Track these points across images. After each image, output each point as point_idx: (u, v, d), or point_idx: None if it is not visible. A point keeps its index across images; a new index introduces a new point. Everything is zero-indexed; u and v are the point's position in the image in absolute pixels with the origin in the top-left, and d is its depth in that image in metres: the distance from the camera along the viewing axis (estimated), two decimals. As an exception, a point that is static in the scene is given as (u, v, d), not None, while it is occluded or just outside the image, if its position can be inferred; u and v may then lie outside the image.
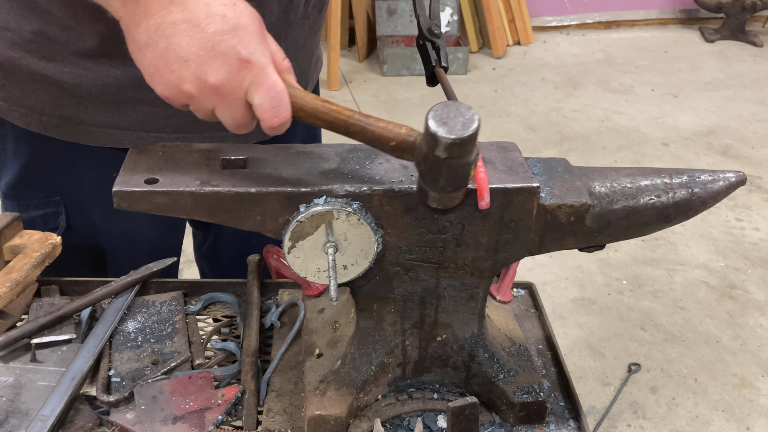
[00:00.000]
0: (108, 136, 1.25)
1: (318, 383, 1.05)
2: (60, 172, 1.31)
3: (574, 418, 1.10)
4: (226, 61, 0.82)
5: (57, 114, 1.23)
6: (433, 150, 0.81)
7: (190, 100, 0.86)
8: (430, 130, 0.80)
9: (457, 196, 0.90)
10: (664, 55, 5.92)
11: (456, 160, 0.82)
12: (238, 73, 0.83)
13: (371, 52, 5.76)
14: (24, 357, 1.14)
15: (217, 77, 0.82)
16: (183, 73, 0.83)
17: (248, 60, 0.82)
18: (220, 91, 0.83)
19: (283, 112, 0.85)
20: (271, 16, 1.20)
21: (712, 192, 1.02)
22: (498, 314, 1.22)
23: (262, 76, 0.83)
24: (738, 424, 2.55)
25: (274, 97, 0.84)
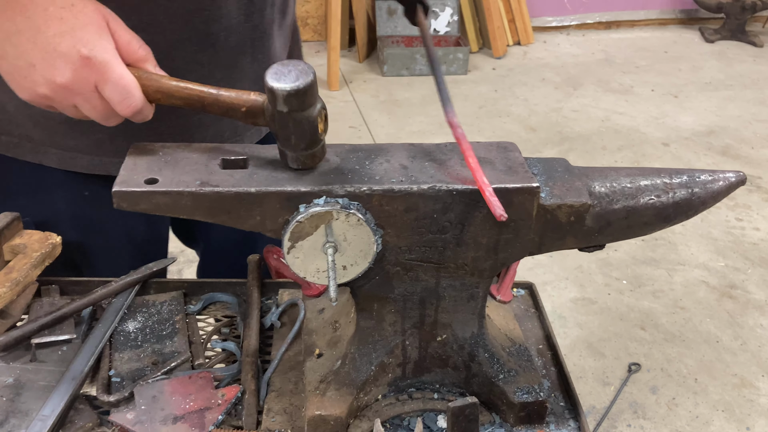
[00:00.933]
0: (68, 159, 1.23)
1: (318, 383, 1.05)
2: (28, 194, 1.29)
3: (574, 418, 1.10)
4: (69, 60, 0.87)
5: (17, 133, 1.21)
6: (275, 105, 0.86)
7: (49, 101, 0.91)
8: (268, 85, 0.85)
9: (315, 154, 0.92)
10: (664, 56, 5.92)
11: (298, 114, 0.87)
12: (82, 71, 0.88)
13: (371, 52, 5.76)
14: (24, 357, 1.14)
15: (64, 77, 0.88)
16: (34, 77, 0.89)
17: (89, 57, 0.87)
18: (70, 89, 0.89)
19: (132, 102, 0.91)
20: (229, 19, 1.18)
21: (712, 192, 1.02)
22: (498, 314, 1.22)
23: (106, 71, 0.88)
24: (738, 424, 2.55)
25: (121, 90, 0.89)
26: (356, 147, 1.00)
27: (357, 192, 0.91)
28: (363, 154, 0.98)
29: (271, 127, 0.91)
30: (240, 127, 1.34)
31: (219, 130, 1.30)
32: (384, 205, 0.92)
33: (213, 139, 1.30)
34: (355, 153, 0.98)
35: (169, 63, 1.05)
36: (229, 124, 1.31)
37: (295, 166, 0.93)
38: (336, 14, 5.14)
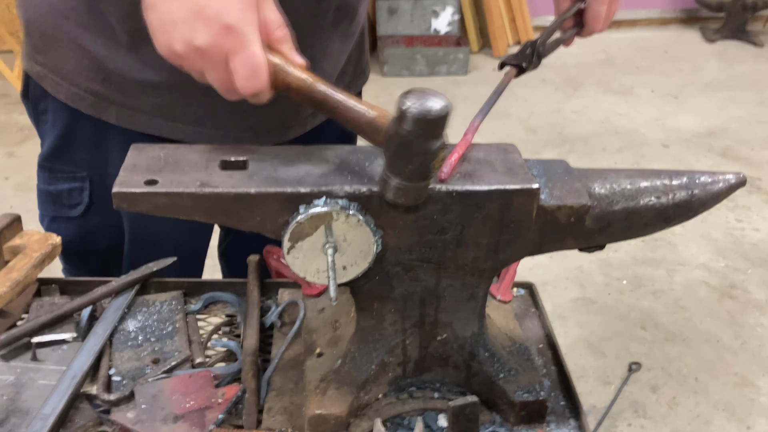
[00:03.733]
0: (128, 117, 1.26)
1: (318, 382, 1.05)
2: (88, 148, 1.33)
3: (575, 417, 1.10)
4: (210, 25, 0.86)
5: (84, 86, 1.24)
6: (401, 124, 0.83)
7: (180, 60, 0.91)
8: (400, 104, 0.82)
9: (417, 191, 0.89)
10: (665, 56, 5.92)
11: (422, 141, 0.83)
12: (219, 38, 0.87)
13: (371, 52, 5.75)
14: (24, 356, 1.14)
15: (202, 40, 0.87)
16: (173, 35, 0.88)
17: (231, 26, 0.86)
18: (204, 53, 0.88)
19: (256, 82, 0.89)
20: (296, 18, 1.19)
21: (711, 193, 1.02)
22: (498, 314, 1.22)
23: (242, 44, 0.87)
24: (738, 424, 2.55)
25: (249, 67, 0.88)
26: (356, 148, 1.00)
27: (357, 193, 0.91)
28: (363, 156, 0.98)
29: (387, 150, 0.87)
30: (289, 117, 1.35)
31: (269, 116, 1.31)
32: (384, 206, 0.92)
33: (264, 124, 1.31)
34: (354, 154, 0.98)
35: None
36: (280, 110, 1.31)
37: (391, 197, 0.88)
38: (336, 14, 5.13)
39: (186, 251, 1.32)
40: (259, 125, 1.31)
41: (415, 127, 0.82)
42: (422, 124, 0.82)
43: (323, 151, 0.99)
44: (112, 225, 1.40)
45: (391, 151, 0.86)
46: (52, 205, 1.39)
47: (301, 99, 0.92)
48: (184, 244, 1.41)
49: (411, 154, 0.84)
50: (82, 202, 1.38)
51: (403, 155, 0.85)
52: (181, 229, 1.41)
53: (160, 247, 1.39)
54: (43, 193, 1.40)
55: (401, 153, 0.85)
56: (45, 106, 1.33)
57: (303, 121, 1.39)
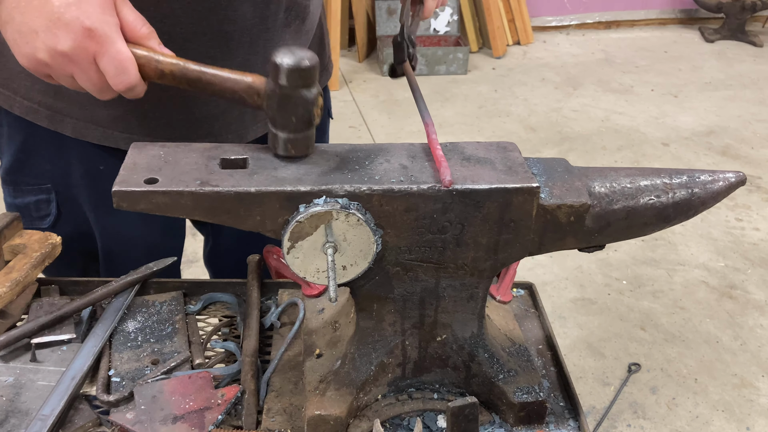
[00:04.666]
0: (82, 129, 1.27)
1: (318, 383, 1.05)
2: (49, 160, 1.33)
3: (574, 418, 1.10)
4: (71, 30, 0.90)
5: (37, 100, 1.24)
6: (277, 79, 0.90)
7: (47, 68, 0.94)
8: (274, 60, 0.89)
9: (305, 140, 0.95)
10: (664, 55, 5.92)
11: (298, 91, 0.90)
12: (83, 41, 0.90)
13: (371, 52, 5.76)
14: (24, 357, 1.14)
15: (65, 45, 0.90)
16: (36, 44, 0.91)
17: (91, 29, 0.90)
18: (70, 57, 0.91)
19: (127, 77, 0.93)
20: (244, 21, 1.21)
21: (711, 192, 1.02)
22: (498, 314, 1.22)
23: (106, 45, 0.91)
24: (738, 424, 2.55)
25: (117, 64, 0.92)
26: (356, 147, 1.00)
27: (357, 192, 0.91)
28: (363, 154, 0.98)
29: (269, 110, 0.93)
30: (247, 119, 1.35)
31: (227, 121, 1.32)
32: (384, 205, 0.92)
33: (221, 130, 1.32)
34: (354, 153, 0.98)
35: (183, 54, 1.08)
36: (238, 115, 1.33)
37: (283, 152, 0.94)
38: (336, 14, 5.14)
39: (159, 255, 1.32)
40: (215, 131, 1.31)
41: (291, 79, 0.89)
42: (297, 75, 0.89)
43: (323, 149, 0.99)
44: (83, 233, 1.40)
45: (274, 108, 0.92)
46: (21, 219, 1.37)
47: (177, 82, 0.96)
48: (156, 248, 1.41)
49: (292, 105, 0.91)
50: (50, 214, 1.37)
51: (285, 108, 0.92)
52: (152, 234, 1.42)
53: (132, 252, 1.40)
54: (11, 206, 1.39)
55: (283, 106, 0.92)
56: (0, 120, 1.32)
57: (264, 121, 1.39)
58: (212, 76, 0.95)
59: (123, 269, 1.29)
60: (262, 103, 0.94)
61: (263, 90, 0.93)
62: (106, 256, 1.43)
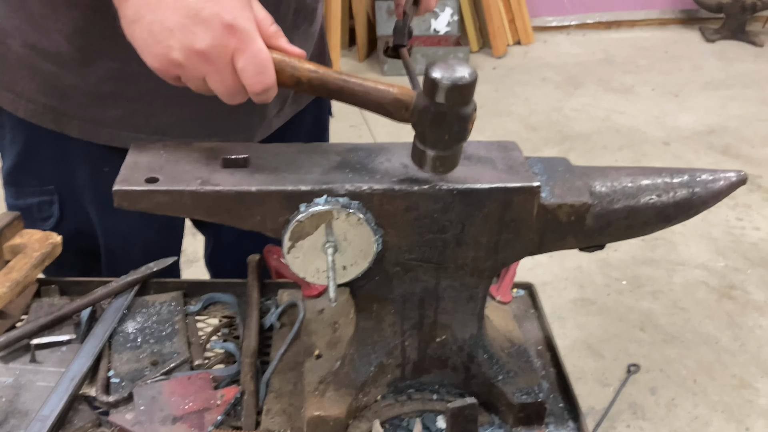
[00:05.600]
0: (90, 130, 1.26)
1: (317, 384, 1.05)
2: (52, 162, 1.32)
3: (574, 419, 1.10)
4: (210, 26, 0.84)
5: (42, 103, 1.23)
6: (433, 96, 0.84)
7: (180, 69, 0.87)
8: (431, 76, 0.83)
9: (454, 157, 0.90)
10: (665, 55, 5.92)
11: (455, 109, 0.84)
12: (223, 38, 0.84)
13: (371, 52, 5.76)
14: (23, 357, 1.14)
15: (203, 43, 0.84)
16: (170, 42, 0.85)
17: (232, 25, 0.84)
18: (207, 56, 0.85)
19: (265, 78, 0.87)
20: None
21: (712, 191, 1.02)
22: (497, 315, 1.22)
23: (247, 41, 0.85)
24: (737, 425, 2.55)
25: (257, 63, 0.86)
26: (357, 146, 1.00)
27: (357, 191, 0.91)
28: (363, 153, 0.98)
29: (417, 125, 0.88)
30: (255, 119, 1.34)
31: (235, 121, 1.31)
32: (384, 205, 0.92)
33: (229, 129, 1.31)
34: (355, 152, 0.98)
35: None
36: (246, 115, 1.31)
37: (430, 170, 0.89)
38: (336, 14, 5.13)
39: (160, 255, 1.31)
40: (223, 130, 1.30)
41: (450, 97, 0.83)
42: (456, 93, 0.83)
43: (324, 148, 0.99)
44: (85, 234, 1.39)
45: (426, 125, 0.86)
46: (24, 220, 1.36)
47: (313, 91, 0.90)
48: (157, 248, 1.40)
49: (447, 123, 0.85)
50: (52, 215, 1.37)
51: (440, 125, 0.86)
52: (152, 234, 1.41)
53: (134, 252, 1.39)
54: (13, 208, 1.38)
55: (437, 124, 0.86)
56: (1, 122, 1.31)
57: (269, 122, 1.39)
58: (355, 86, 0.88)
59: (124, 268, 1.29)
60: (408, 118, 0.88)
61: (412, 104, 0.87)
62: (108, 257, 1.43)
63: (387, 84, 0.89)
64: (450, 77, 0.82)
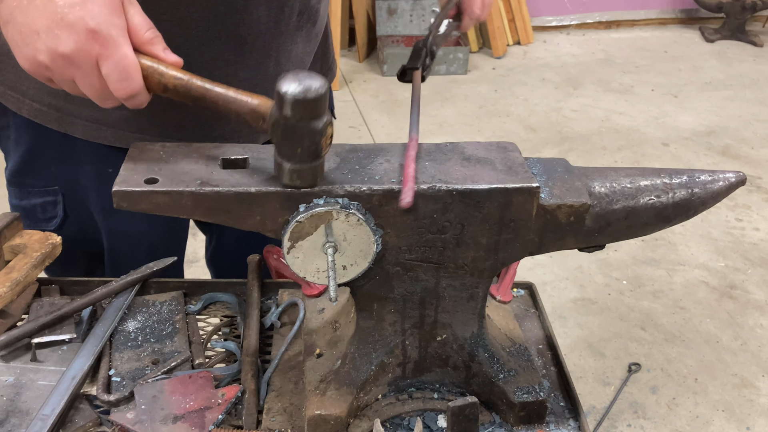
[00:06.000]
0: (94, 131, 1.26)
1: (318, 383, 1.05)
2: (57, 162, 1.32)
3: (574, 417, 1.10)
4: (74, 31, 0.85)
5: (47, 102, 1.24)
6: (281, 110, 0.84)
7: (48, 71, 0.89)
8: (278, 89, 0.83)
9: (312, 171, 0.89)
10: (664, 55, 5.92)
11: (303, 123, 0.84)
12: (86, 43, 0.86)
13: (371, 52, 5.76)
14: (24, 356, 1.14)
15: (66, 47, 0.86)
16: (37, 45, 0.87)
17: (95, 30, 0.85)
18: (71, 60, 0.87)
19: (129, 85, 0.88)
20: (258, 25, 1.21)
21: (712, 192, 1.02)
22: (498, 314, 1.22)
23: (111, 48, 0.86)
24: (738, 424, 2.55)
25: (121, 70, 0.87)
26: (356, 147, 1.00)
27: (357, 192, 0.91)
28: (363, 154, 0.98)
29: (274, 136, 0.88)
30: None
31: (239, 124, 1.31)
32: (384, 205, 0.92)
33: (232, 132, 1.31)
34: (354, 153, 0.98)
35: (198, 56, 1.08)
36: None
37: (288, 181, 0.89)
38: (336, 14, 5.13)
39: (163, 256, 1.32)
40: (227, 133, 1.31)
41: (296, 110, 0.83)
42: (302, 106, 0.83)
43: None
44: (89, 235, 1.40)
45: (278, 137, 0.87)
46: (27, 220, 1.37)
47: (180, 97, 0.91)
48: (160, 248, 1.41)
49: (298, 136, 0.86)
50: (56, 216, 1.37)
51: (290, 139, 0.86)
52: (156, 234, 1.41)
53: (138, 253, 1.39)
54: (17, 208, 1.39)
55: (288, 137, 0.86)
56: (6, 122, 1.31)
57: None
58: (216, 95, 0.90)
59: (127, 270, 1.29)
60: (267, 128, 0.89)
61: (268, 115, 0.88)
62: (111, 258, 1.43)
63: (248, 94, 0.89)
64: (295, 91, 0.82)
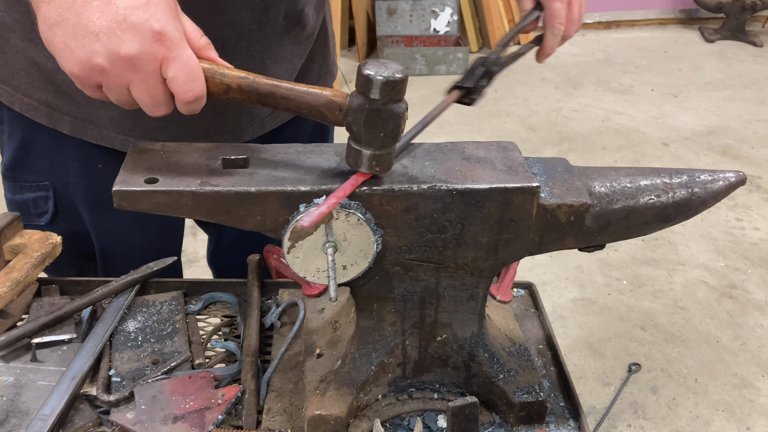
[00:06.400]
0: (80, 128, 1.26)
1: (318, 383, 1.05)
2: (48, 158, 1.33)
3: (574, 418, 1.10)
4: (139, 32, 0.81)
5: (37, 97, 1.24)
6: (368, 93, 0.85)
7: (102, 75, 0.84)
8: (364, 73, 0.84)
9: (390, 156, 0.90)
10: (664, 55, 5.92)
11: (389, 106, 0.85)
12: (151, 45, 0.82)
13: (371, 52, 5.76)
14: (24, 357, 1.14)
15: (130, 49, 0.81)
16: (94, 47, 0.82)
17: (161, 32, 0.82)
18: (133, 63, 0.82)
19: (196, 87, 0.86)
20: (241, 26, 1.20)
21: (711, 192, 1.02)
22: (498, 314, 1.22)
23: (177, 50, 0.83)
24: (738, 424, 2.55)
25: (188, 71, 0.84)
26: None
27: (357, 191, 0.91)
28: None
29: (352, 122, 0.88)
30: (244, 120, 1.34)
31: (222, 122, 1.31)
32: (384, 205, 0.92)
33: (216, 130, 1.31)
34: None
35: None
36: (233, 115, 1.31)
37: (367, 170, 0.89)
38: (336, 14, 5.13)
39: (156, 255, 1.32)
40: (212, 130, 1.30)
41: (384, 92, 0.84)
42: (390, 89, 0.84)
43: (323, 149, 0.99)
44: (80, 233, 1.40)
45: (360, 124, 0.87)
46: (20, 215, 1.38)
47: (244, 98, 0.90)
48: (154, 248, 1.40)
49: (382, 120, 0.86)
50: (47, 211, 1.38)
51: (374, 124, 0.87)
52: (149, 233, 1.41)
53: (129, 252, 1.39)
54: (11, 203, 1.40)
55: (372, 122, 0.87)
56: (1, 117, 1.32)
57: (260, 122, 1.38)
58: (287, 91, 0.88)
59: (120, 269, 1.29)
60: (342, 119, 0.88)
61: (345, 105, 0.87)
62: (103, 256, 1.43)
63: (319, 87, 0.89)
64: (383, 73, 0.84)
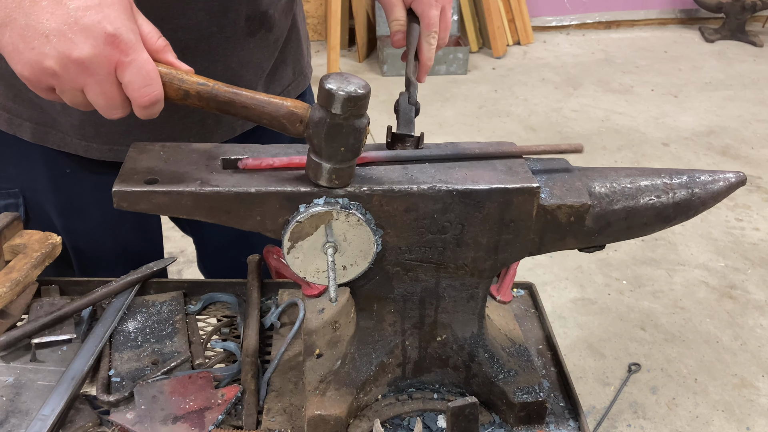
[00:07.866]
0: (43, 134, 1.24)
1: (318, 383, 1.05)
2: (14, 164, 1.31)
3: (574, 418, 1.10)
4: (91, 35, 0.78)
5: None
6: (330, 107, 0.84)
7: (54, 78, 0.81)
8: (326, 87, 0.84)
9: (350, 170, 0.90)
10: (664, 55, 5.92)
11: (350, 121, 0.85)
12: (105, 48, 0.79)
13: (371, 52, 5.76)
14: (24, 357, 1.14)
15: (82, 52, 0.78)
16: (44, 49, 0.78)
17: (115, 35, 0.79)
18: (86, 66, 0.79)
19: (152, 91, 0.83)
20: (200, 29, 1.17)
21: (712, 192, 1.02)
22: (498, 314, 1.22)
23: (132, 53, 0.80)
24: (738, 424, 2.55)
25: (144, 76, 0.81)
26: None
27: (357, 192, 0.91)
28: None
29: (313, 135, 0.87)
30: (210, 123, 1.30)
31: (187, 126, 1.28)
32: (384, 205, 0.92)
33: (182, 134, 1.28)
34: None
35: None
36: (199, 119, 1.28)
37: (326, 183, 0.89)
38: (336, 14, 5.13)
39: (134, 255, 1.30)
40: (177, 133, 1.27)
41: (346, 108, 0.84)
42: (351, 104, 0.84)
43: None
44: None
45: (321, 137, 0.86)
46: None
47: (203, 105, 0.87)
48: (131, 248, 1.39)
49: (343, 135, 0.86)
50: (19, 218, 1.35)
51: (335, 138, 0.86)
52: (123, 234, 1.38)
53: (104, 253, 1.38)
54: None
55: (333, 136, 0.86)
56: None
57: (230, 124, 1.34)
58: (247, 100, 0.86)
59: (99, 270, 1.28)
60: (303, 131, 0.87)
61: (306, 117, 0.86)
62: (78, 258, 1.42)
63: (280, 98, 0.88)
64: (346, 89, 0.83)
